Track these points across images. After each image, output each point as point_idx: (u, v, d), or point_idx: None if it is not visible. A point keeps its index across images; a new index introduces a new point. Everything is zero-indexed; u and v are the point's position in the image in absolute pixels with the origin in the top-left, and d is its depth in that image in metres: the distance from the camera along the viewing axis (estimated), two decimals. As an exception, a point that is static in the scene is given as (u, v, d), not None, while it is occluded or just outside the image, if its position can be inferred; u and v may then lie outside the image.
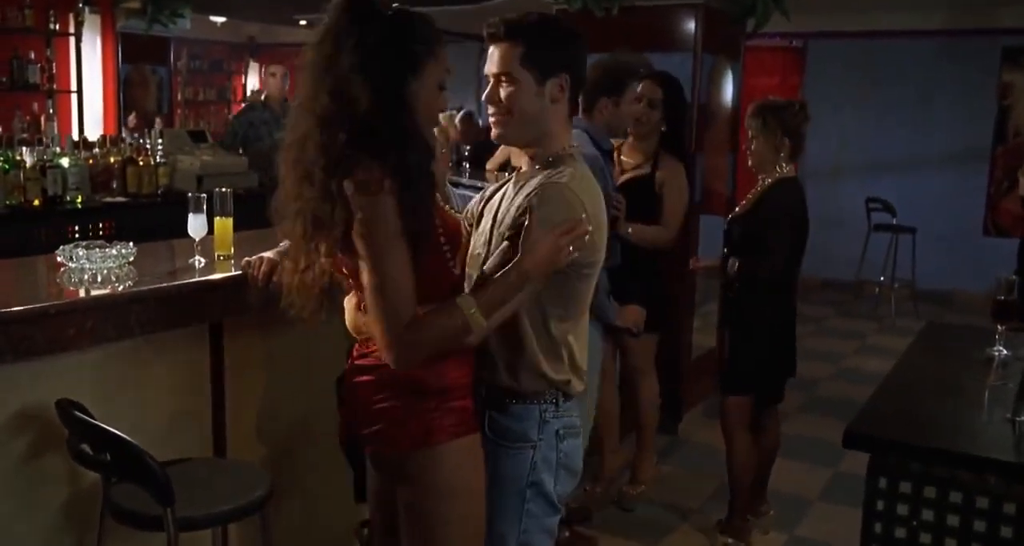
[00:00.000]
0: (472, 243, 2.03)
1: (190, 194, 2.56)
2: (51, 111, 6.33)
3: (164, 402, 2.47)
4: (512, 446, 1.94)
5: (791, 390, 3.75)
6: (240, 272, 2.38)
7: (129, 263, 2.50)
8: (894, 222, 7.74)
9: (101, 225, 4.66)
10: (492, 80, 1.94)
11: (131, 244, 2.53)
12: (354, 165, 1.74)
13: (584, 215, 1.84)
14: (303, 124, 1.80)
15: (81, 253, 2.43)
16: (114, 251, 2.46)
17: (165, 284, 2.29)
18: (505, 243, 1.84)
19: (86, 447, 1.94)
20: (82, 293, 2.22)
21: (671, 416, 4.82)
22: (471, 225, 2.09)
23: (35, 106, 6.30)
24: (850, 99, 8.55)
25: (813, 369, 6.07)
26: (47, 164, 4.52)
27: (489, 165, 6.50)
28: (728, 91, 5.05)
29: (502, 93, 1.92)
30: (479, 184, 5.59)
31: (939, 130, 8.33)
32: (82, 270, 2.41)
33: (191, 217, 2.55)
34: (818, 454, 4.64)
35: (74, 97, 6.64)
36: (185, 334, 2.49)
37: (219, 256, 2.63)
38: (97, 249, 2.47)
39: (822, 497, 4.17)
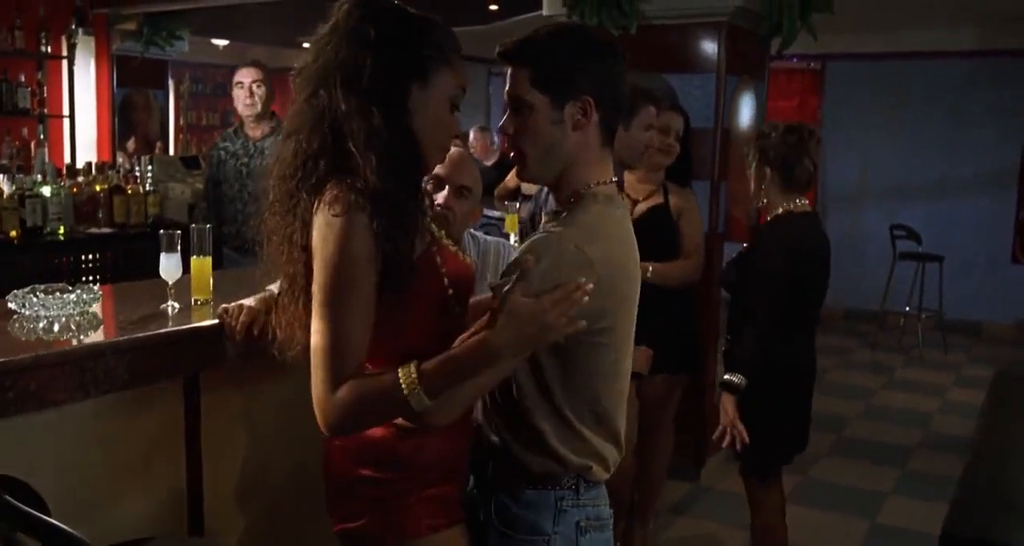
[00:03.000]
0: None
1: (161, 231, 2.26)
2: (42, 137, 6.07)
3: (130, 470, 2.15)
4: (522, 539, 1.62)
5: (818, 432, 3.37)
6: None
7: (92, 309, 2.20)
8: (920, 250, 7.46)
9: (85, 258, 4.38)
10: (508, 106, 1.66)
11: (95, 287, 2.23)
12: (329, 181, 1.50)
13: (589, 276, 1.49)
14: (291, 134, 1.56)
15: (35, 299, 2.13)
16: (73, 296, 2.16)
17: (126, 337, 1.97)
18: None
19: (21, 537, 1.63)
20: (25, 348, 1.89)
21: (693, 461, 4.50)
22: None
23: (25, 131, 6.05)
24: (872, 122, 8.27)
25: (841, 407, 5.74)
26: (26, 193, 4.25)
27: (498, 191, 6.21)
28: (753, 115, 4.76)
29: (516, 121, 1.63)
30: (489, 213, 5.31)
31: (966, 155, 8.06)
32: (37, 318, 2.11)
33: (163, 257, 2.25)
34: (853, 503, 4.31)
35: (66, 122, 6.37)
36: (155, 390, 2.18)
37: (196, 301, 2.33)
38: (57, 293, 2.18)
39: (861, 554, 3.84)
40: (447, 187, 2.28)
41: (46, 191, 4.31)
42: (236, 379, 2.33)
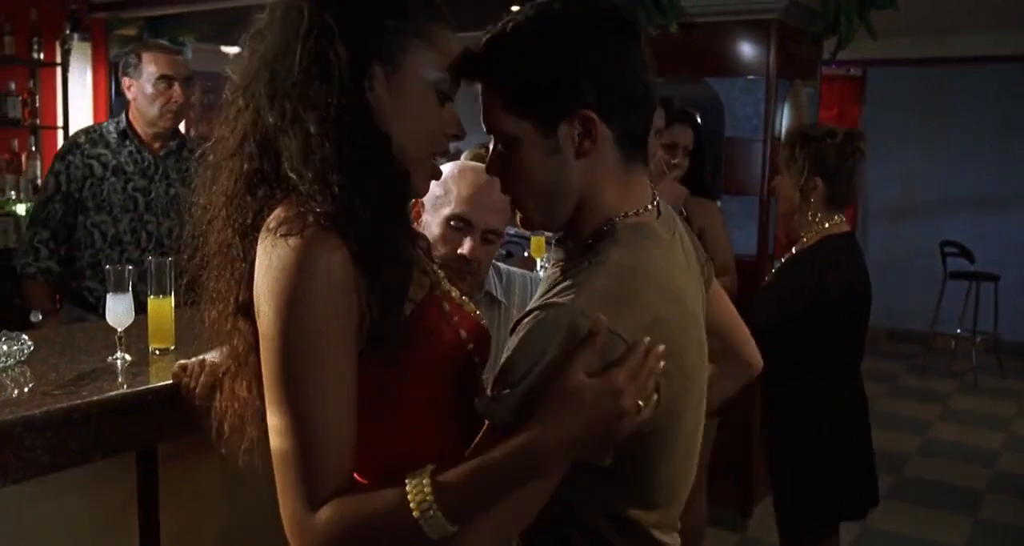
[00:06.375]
0: None
1: (107, 266, 1.82)
2: (34, 149, 5.67)
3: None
4: None
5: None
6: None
7: (20, 362, 1.77)
8: (972, 268, 6.96)
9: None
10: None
11: (25, 337, 1.79)
12: (271, 206, 1.08)
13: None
14: (215, 175, 1.13)
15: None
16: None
17: (44, 409, 1.52)
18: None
19: None
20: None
21: (739, 510, 4.04)
22: None
23: (15, 143, 5.65)
24: (918, 132, 7.77)
25: (897, 442, 5.23)
26: (-2, 212, 3.83)
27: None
28: (804, 124, 4.30)
29: (500, 160, 1.16)
30: (508, 230, 4.87)
31: (1017, 166, 7.53)
32: (-50, 377, 1.69)
33: (110, 299, 1.80)
34: (924, 561, 3.82)
35: (60, 133, 5.96)
36: (103, 466, 1.74)
37: (155, 351, 1.89)
38: (-21, 343, 1.75)
39: (939, 623, 3.35)
40: (474, 232, 1.73)
41: (21, 209, 3.89)
42: (203, 451, 1.88)
